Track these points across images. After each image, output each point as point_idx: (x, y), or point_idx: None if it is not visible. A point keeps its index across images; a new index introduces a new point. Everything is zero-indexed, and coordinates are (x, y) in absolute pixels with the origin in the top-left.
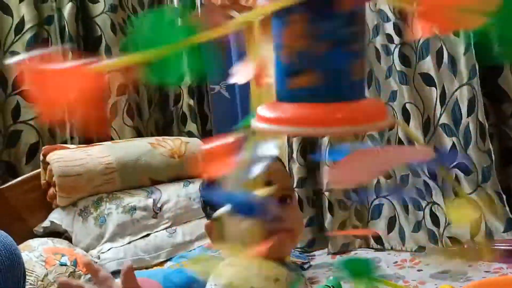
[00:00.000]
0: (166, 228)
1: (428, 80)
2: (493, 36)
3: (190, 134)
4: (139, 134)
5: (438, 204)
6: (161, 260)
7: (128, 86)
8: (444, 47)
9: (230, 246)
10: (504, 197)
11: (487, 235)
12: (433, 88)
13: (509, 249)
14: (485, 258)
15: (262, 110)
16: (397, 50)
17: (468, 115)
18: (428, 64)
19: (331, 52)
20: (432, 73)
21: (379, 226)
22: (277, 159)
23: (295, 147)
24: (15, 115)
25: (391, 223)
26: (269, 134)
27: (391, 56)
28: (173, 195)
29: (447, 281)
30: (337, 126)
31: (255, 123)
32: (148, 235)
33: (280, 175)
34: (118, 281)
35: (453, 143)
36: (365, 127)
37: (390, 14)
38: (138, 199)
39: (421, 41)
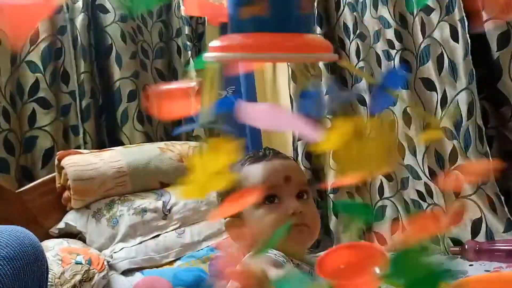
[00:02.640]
0: (175, 229)
1: (428, 84)
2: None
3: (198, 139)
4: (148, 138)
5: (439, 206)
6: (171, 259)
7: (138, 91)
8: (444, 53)
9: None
10: (503, 198)
11: (488, 235)
12: (434, 93)
13: (509, 249)
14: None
15: (214, 42)
16: (398, 55)
17: (468, 119)
18: (428, 69)
19: None
20: (433, 77)
21: (383, 227)
22: (292, 158)
23: (300, 150)
24: (31, 121)
25: (395, 224)
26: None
27: (392, 62)
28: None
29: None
30: (281, 52)
31: (207, 54)
32: (158, 235)
33: (297, 171)
34: None
35: (454, 146)
36: (307, 56)
37: (391, 20)
38: (149, 202)
39: (421, 47)
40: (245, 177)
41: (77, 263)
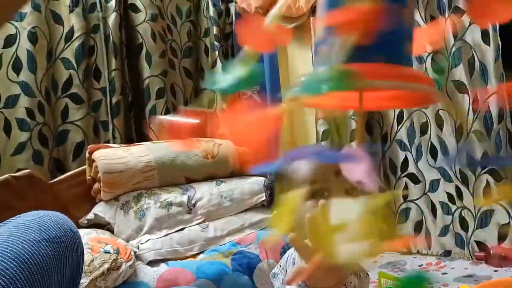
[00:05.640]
0: (199, 223)
1: (460, 87)
2: None
3: (223, 137)
4: None
5: (468, 209)
6: (194, 252)
7: (166, 89)
8: (475, 56)
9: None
10: None
11: None
12: (466, 95)
13: None
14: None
15: None
16: (429, 58)
17: (499, 122)
18: (460, 72)
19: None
20: (464, 80)
21: (407, 229)
22: None
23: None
24: (63, 116)
25: (418, 227)
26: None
27: (424, 64)
28: (206, 193)
29: (472, 284)
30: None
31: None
32: (182, 229)
33: (322, 172)
34: None
35: (485, 150)
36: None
37: (421, 22)
38: (174, 196)
39: (453, 50)
40: (295, 172)
41: (106, 252)
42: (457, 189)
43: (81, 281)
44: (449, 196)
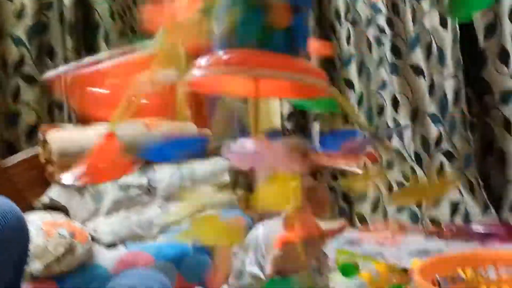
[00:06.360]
0: (159, 205)
1: (417, 71)
2: None
3: (185, 119)
4: None
5: None
6: (154, 234)
7: None
8: (433, 39)
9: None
10: (482, 183)
11: (466, 217)
12: (422, 80)
13: (484, 231)
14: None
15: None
16: (388, 41)
17: (454, 105)
18: (418, 56)
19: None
20: (422, 64)
21: (365, 207)
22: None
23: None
24: (14, 96)
25: (376, 205)
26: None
27: (383, 47)
28: (166, 174)
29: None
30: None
31: (194, 72)
32: (142, 211)
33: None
34: None
35: (439, 132)
36: (298, 78)
37: (383, 7)
38: (133, 178)
39: (412, 34)
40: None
41: (60, 235)
42: (412, 169)
43: (35, 266)
44: (405, 176)
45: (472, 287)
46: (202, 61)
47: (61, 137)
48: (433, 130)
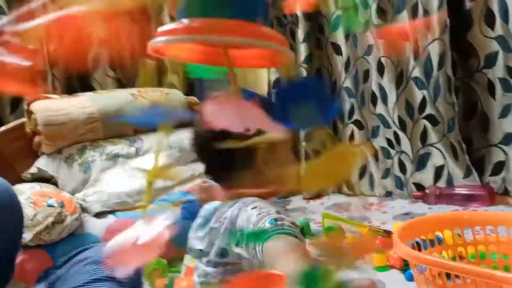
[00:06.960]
0: None
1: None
2: None
3: (171, 86)
4: (121, 85)
5: (406, 153)
6: (143, 203)
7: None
8: (419, 2)
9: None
10: (465, 146)
11: (449, 181)
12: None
13: (467, 193)
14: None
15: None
16: (374, 3)
17: (439, 69)
18: (403, 18)
19: None
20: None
21: (353, 174)
22: None
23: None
24: None
25: (362, 170)
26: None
27: (369, 10)
28: (154, 143)
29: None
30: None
31: (156, 39)
32: (130, 180)
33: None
34: None
35: (424, 96)
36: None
37: None
38: (121, 147)
39: None
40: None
41: (49, 205)
42: (395, 135)
43: (25, 235)
44: (389, 141)
45: (450, 248)
46: (167, 27)
47: (45, 107)
48: (418, 95)
